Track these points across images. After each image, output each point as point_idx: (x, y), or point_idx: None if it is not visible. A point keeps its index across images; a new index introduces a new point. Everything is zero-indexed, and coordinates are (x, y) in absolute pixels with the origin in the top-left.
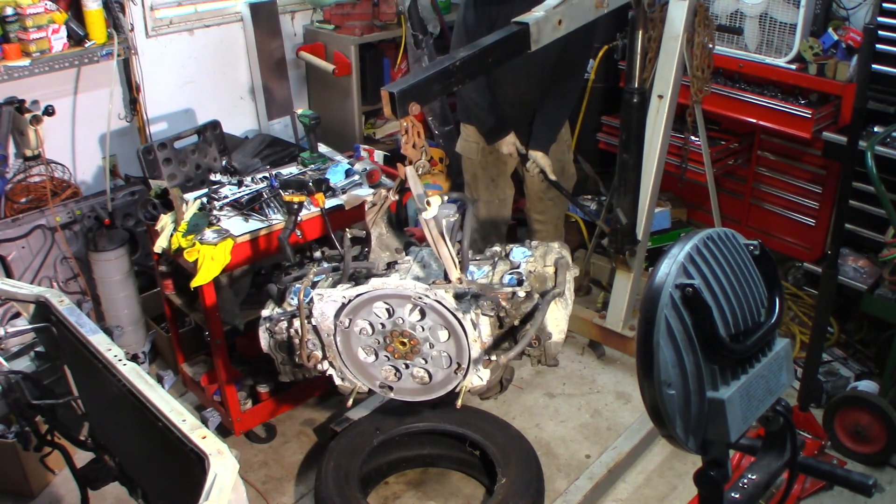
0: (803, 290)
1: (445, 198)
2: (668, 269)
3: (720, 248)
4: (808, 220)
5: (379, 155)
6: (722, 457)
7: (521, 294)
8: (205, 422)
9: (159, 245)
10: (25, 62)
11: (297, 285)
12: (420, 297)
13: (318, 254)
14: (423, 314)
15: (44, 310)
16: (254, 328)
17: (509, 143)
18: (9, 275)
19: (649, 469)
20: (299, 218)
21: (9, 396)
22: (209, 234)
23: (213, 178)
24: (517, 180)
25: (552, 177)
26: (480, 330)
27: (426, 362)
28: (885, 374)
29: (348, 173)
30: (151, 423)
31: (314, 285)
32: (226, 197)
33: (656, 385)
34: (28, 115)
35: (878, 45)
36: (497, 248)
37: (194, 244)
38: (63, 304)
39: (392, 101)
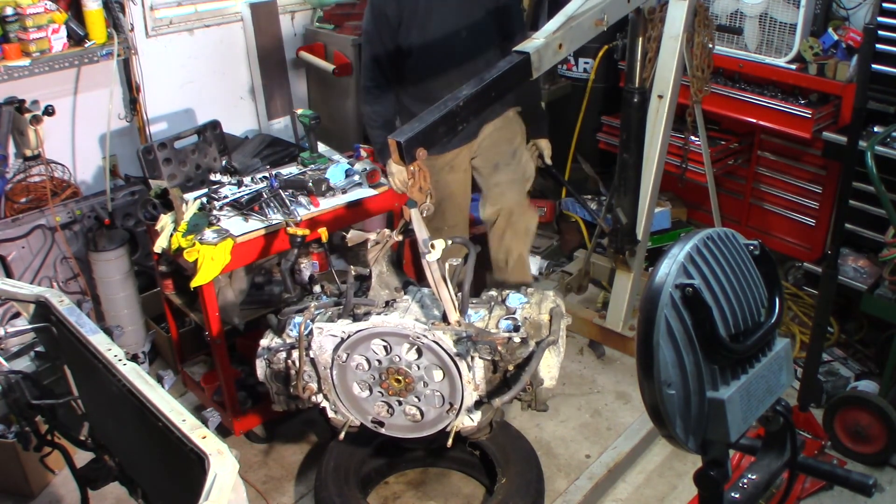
0: (803, 290)
1: (449, 241)
2: (668, 269)
3: (720, 248)
4: (808, 220)
5: None
6: (722, 457)
7: (517, 340)
8: (205, 422)
9: (159, 245)
10: (25, 62)
11: (298, 317)
12: (419, 337)
13: (317, 288)
14: (419, 353)
15: (44, 310)
16: (254, 328)
17: (394, 164)
18: (9, 275)
19: (649, 469)
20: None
21: (9, 396)
22: (209, 234)
23: (213, 178)
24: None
25: (549, 161)
26: (475, 372)
27: (419, 400)
28: (885, 374)
29: (348, 173)
30: (151, 423)
31: (314, 319)
32: (226, 197)
33: (656, 385)
34: (28, 115)
35: (878, 45)
36: (493, 293)
37: (194, 244)
38: (63, 304)
39: (399, 149)
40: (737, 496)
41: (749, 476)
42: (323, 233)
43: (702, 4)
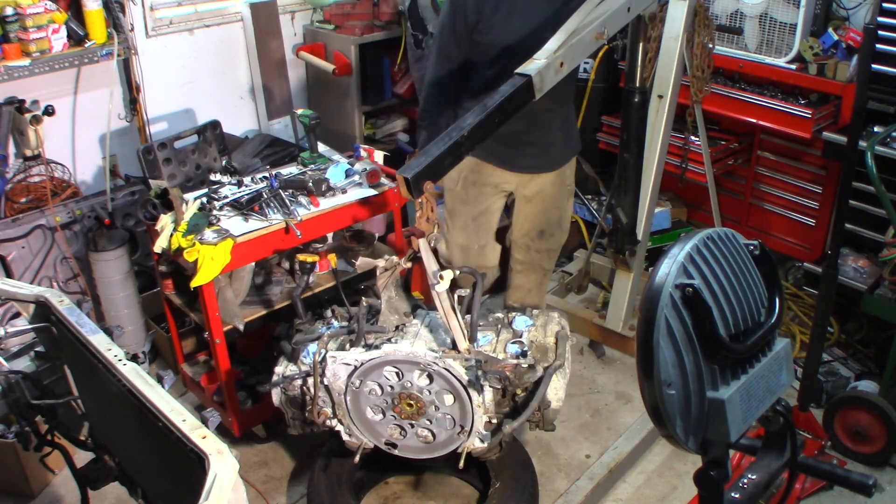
0: (803, 290)
1: (457, 272)
2: (668, 269)
3: (720, 248)
4: (808, 220)
5: (379, 155)
6: (722, 457)
7: (525, 365)
8: (205, 422)
9: (159, 245)
10: (25, 62)
11: (312, 346)
12: (430, 365)
13: (328, 312)
14: (430, 379)
15: (44, 310)
16: (254, 328)
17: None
18: (9, 275)
19: (649, 469)
20: (311, 278)
21: (9, 396)
22: (209, 234)
23: (213, 178)
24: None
25: None
26: (485, 397)
27: (431, 423)
28: (885, 374)
29: (348, 173)
30: (151, 423)
31: (327, 347)
32: (226, 197)
33: (656, 385)
34: (28, 115)
35: (878, 45)
36: (500, 315)
37: (194, 244)
38: (63, 304)
39: (407, 184)
40: (737, 496)
41: (749, 476)
42: (332, 259)
43: (702, 4)
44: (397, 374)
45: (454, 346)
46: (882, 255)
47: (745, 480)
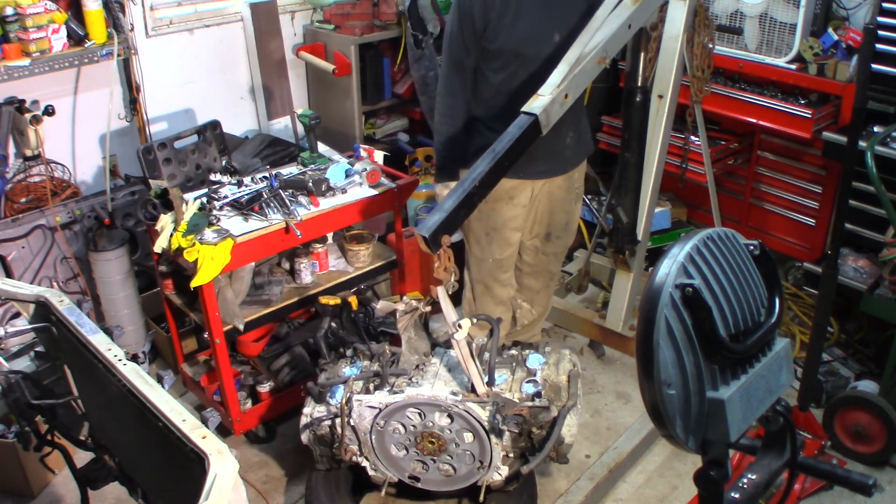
0: (803, 290)
1: (475, 319)
2: (668, 269)
3: (720, 248)
4: (808, 220)
5: (379, 155)
6: (722, 457)
7: (540, 405)
8: (205, 422)
9: (159, 245)
10: (25, 62)
11: (338, 389)
12: (451, 406)
13: (349, 351)
14: (451, 419)
15: (44, 310)
16: (254, 328)
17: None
18: (9, 275)
19: (650, 469)
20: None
21: (9, 396)
22: (209, 234)
23: (213, 178)
24: None
25: None
26: (503, 436)
27: (452, 459)
28: (885, 374)
29: (348, 173)
30: (151, 423)
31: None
32: (226, 197)
33: (656, 385)
34: (28, 115)
35: (878, 45)
36: (514, 352)
37: (194, 244)
38: (63, 304)
39: (426, 241)
40: (737, 496)
41: (749, 476)
42: (353, 301)
43: (702, 4)
44: (420, 414)
45: (473, 389)
46: (882, 255)
47: (745, 480)
